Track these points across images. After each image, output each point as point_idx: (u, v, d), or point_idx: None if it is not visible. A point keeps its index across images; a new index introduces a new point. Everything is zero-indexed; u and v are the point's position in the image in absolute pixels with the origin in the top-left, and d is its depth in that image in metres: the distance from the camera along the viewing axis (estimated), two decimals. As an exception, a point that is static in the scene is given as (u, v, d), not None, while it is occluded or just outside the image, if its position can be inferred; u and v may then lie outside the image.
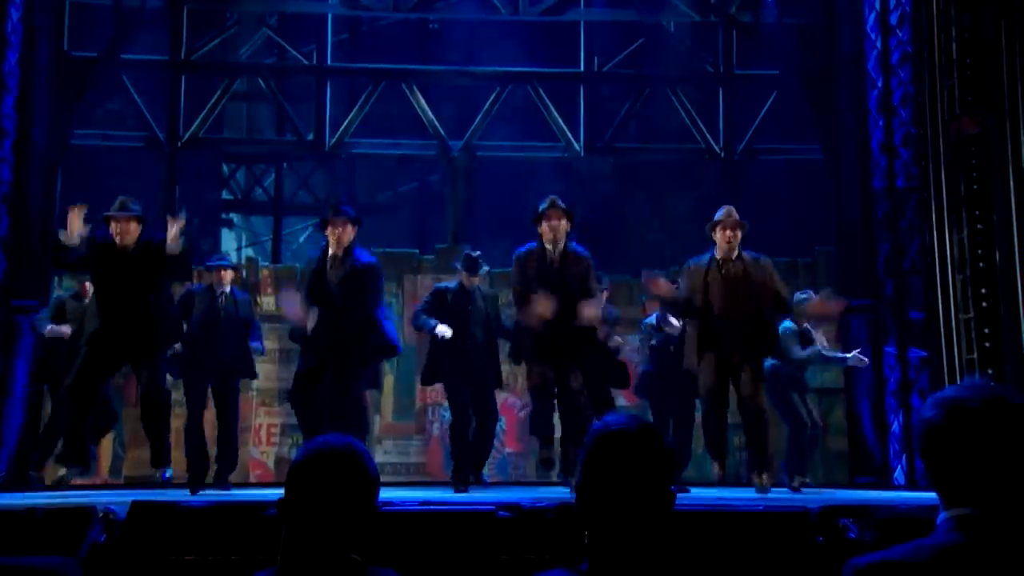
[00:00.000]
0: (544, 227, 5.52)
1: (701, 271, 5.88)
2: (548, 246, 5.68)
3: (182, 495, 5.21)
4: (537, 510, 3.71)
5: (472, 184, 10.39)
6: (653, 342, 7.23)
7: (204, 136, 10.00)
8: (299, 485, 1.71)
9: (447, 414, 7.26)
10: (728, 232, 5.77)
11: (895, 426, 8.03)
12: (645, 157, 10.58)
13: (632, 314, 8.26)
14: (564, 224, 5.54)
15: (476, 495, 5.74)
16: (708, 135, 10.09)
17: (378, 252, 9.38)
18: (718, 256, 5.86)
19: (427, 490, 6.49)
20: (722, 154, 10.09)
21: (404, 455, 8.71)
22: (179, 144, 9.79)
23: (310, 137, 10.12)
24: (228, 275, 6.93)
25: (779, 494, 6.35)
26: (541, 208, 5.66)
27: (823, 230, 9.26)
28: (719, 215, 5.99)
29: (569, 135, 10.08)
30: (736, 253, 5.85)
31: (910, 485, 7.69)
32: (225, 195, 12.05)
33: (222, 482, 6.52)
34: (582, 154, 10.09)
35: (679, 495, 1.80)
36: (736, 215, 5.94)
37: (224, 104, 10.22)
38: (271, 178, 12.17)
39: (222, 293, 6.92)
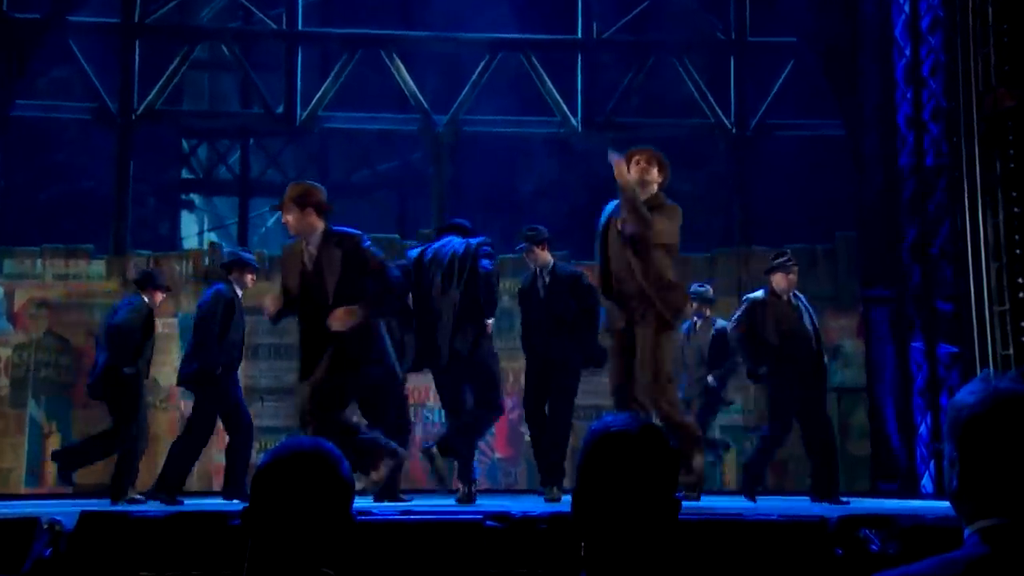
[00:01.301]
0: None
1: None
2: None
3: (140, 505, 5.19)
4: (529, 520, 3.71)
5: (458, 163, 10.35)
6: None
7: (161, 108, 9.95)
8: (265, 492, 1.70)
9: (430, 414, 7.26)
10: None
11: (922, 428, 8.07)
12: (649, 133, 10.53)
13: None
14: None
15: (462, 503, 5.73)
16: (718, 109, 10.10)
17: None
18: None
19: (409, 497, 6.49)
20: (733, 130, 10.09)
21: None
22: (133, 117, 9.73)
23: (279, 110, 10.08)
24: (250, 278, 6.68)
25: (795, 502, 6.37)
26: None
27: (843, 213, 9.28)
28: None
29: (565, 109, 10.06)
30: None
31: (939, 493, 7.72)
32: (185, 174, 12.00)
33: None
34: (579, 130, 10.08)
35: (686, 502, 1.79)
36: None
37: (183, 73, 10.17)
38: (236, 155, 12.12)
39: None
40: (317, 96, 9.99)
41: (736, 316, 6.46)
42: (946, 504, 1.65)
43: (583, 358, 6.05)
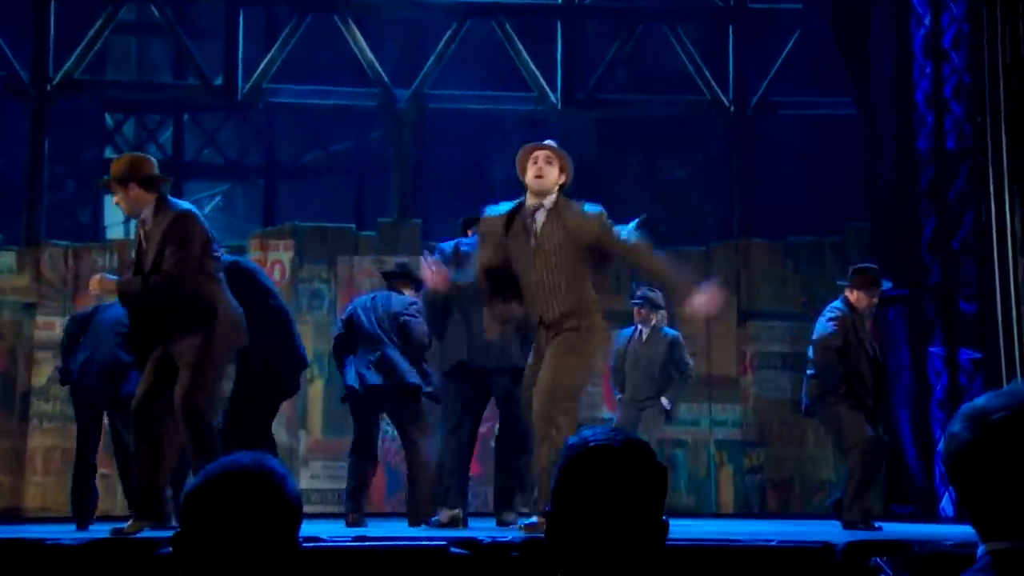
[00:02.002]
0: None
1: None
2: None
3: (56, 530, 5.14)
4: (499, 546, 3.71)
5: (422, 143, 10.33)
6: None
7: (81, 77, 9.85)
8: (198, 516, 1.69)
9: (392, 429, 7.25)
10: None
11: (941, 443, 8.15)
12: (637, 111, 10.59)
13: (619, 305, 8.28)
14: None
15: (424, 528, 5.74)
16: (715, 84, 10.15)
17: (306, 227, 9.38)
18: None
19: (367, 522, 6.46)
20: (731, 107, 10.15)
21: (336, 480, 8.66)
22: (48, 87, 9.63)
23: (218, 81, 10.01)
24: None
25: (798, 526, 6.41)
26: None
27: (854, 202, 9.36)
28: None
29: (543, 83, 10.07)
30: None
31: (961, 516, 7.80)
32: (109, 152, 11.88)
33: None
34: (559, 107, 10.09)
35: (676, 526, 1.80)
36: None
37: (107, 37, 10.08)
38: (168, 132, 12.03)
39: None
40: (262, 66, 9.93)
41: (833, 329, 6.44)
42: (968, 529, 1.69)
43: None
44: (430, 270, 5.15)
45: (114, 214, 12.22)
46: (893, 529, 6.10)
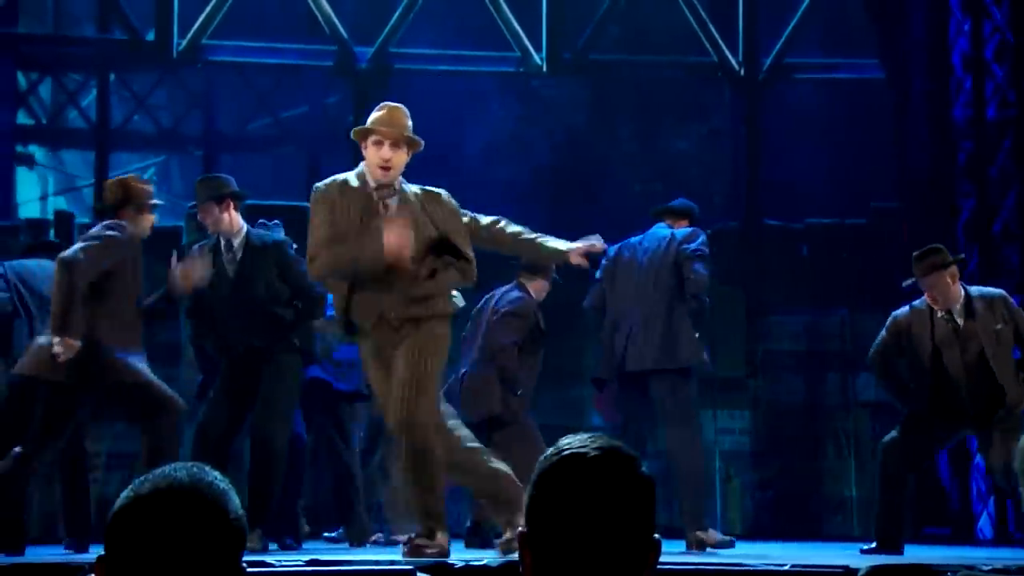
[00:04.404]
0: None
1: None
2: None
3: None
4: (472, 570, 3.72)
5: (386, 109, 10.29)
6: None
7: (-9, 32, 9.79)
8: (127, 536, 1.68)
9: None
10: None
11: (979, 458, 8.20)
12: (631, 74, 10.59)
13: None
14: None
15: (383, 551, 5.75)
16: (722, 44, 10.15)
17: (251, 206, 9.30)
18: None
19: (319, 545, 6.46)
20: (741, 71, 10.16)
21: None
22: (-46, 43, 9.56)
23: (150, 36, 9.96)
24: None
25: (814, 549, 6.44)
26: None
27: (881, 179, 9.40)
28: None
29: (526, 42, 10.06)
30: None
31: (1001, 539, 7.86)
32: (22, 118, 11.80)
33: None
34: (544, 69, 10.08)
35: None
36: None
37: (21, -15, 10.00)
38: (92, 95, 11.94)
39: None
40: (200, 19, 9.88)
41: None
42: (1009, 553, 1.69)
43: None
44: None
45: (28, 189, 12.14)
46: (926, 553, 6.14)
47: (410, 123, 4.91)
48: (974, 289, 5.91)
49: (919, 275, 5.82)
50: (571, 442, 1.73)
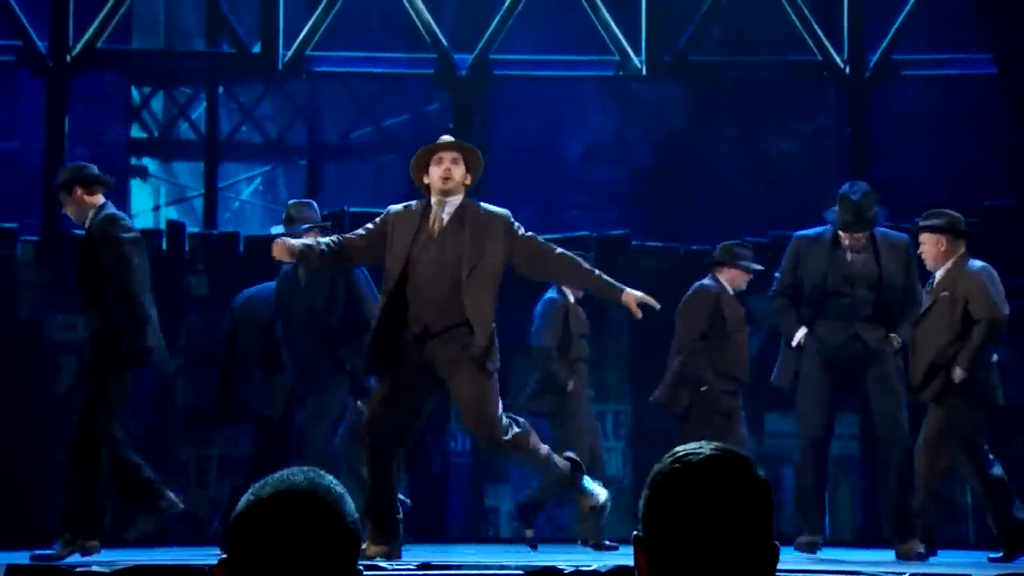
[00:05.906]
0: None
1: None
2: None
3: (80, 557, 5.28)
4: (581, 575, 3.71)
5: (487, 116, 10.34)
6: None
7: (104, 48, 10.02)
8: (247, 541, 1.72)
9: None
10: None
11: None
12: (734, 74, 10.49)
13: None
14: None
15: (491, 555, 5.77)
16: (827, 43, 10.00)
17: (356, 213, 9.43)
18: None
19: (428, 547, 6.52)
20: (846, 69, 10.00)
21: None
22: (68, 58, 9.81)
23: (256, 49, 10.13)
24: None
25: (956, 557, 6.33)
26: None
27: (995, 177, 9.18)
28: None
29: (626, 45, 10.02)
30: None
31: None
32: (136, 132, 12.12)
33: None
34: (644, 72, 10.03)
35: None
36: None
37: (132, 2, 10.24)
38: (201, 108, 12.20)
39: None
40: (305, 31, 10.02)
41: None
42: None
43: None
44: None
45: (141, 200, 12.45)
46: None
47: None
48: None
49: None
50: (685, 447, 1.74)
